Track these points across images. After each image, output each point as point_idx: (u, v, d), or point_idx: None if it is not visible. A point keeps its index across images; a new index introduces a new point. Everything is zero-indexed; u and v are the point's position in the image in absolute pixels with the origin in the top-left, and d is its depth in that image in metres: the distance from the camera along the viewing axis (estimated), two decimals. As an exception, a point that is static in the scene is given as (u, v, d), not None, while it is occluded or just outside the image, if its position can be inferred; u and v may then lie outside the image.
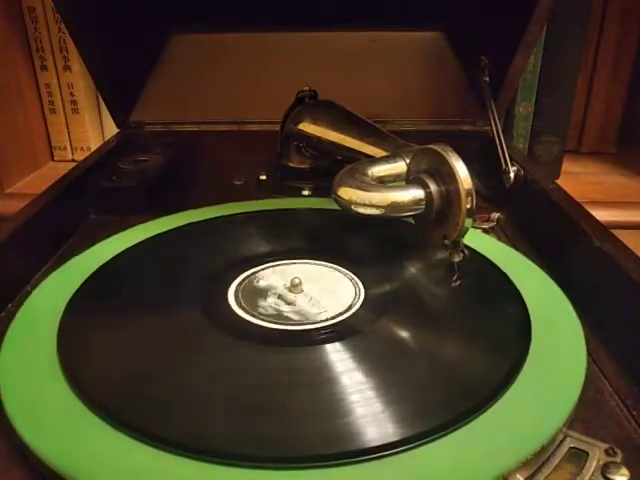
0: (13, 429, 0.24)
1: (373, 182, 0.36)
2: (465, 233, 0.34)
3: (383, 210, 0.35)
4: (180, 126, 0.63)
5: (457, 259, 0.35)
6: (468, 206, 0.32)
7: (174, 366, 0.28)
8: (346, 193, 0.35)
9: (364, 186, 0.35)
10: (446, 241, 0.35)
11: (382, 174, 0.37)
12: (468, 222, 0.33)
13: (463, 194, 0.32)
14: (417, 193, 0.35)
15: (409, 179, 0.37)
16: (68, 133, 0.76)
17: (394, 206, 0.35)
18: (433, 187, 0.35)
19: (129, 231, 0.41)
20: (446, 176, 0.34)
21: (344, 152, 0.45)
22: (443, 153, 0.33)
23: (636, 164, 0.74)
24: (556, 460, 0.23)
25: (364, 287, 0.34)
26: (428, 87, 0.63)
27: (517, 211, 0.47)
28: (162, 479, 0.21)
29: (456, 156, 0.33)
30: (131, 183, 0.49)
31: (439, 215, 0.35)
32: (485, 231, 0.43)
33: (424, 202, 0.35)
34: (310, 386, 0.26)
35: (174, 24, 0.63)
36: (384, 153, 0.41)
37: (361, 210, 0.35)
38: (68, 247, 0.44)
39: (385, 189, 0.35)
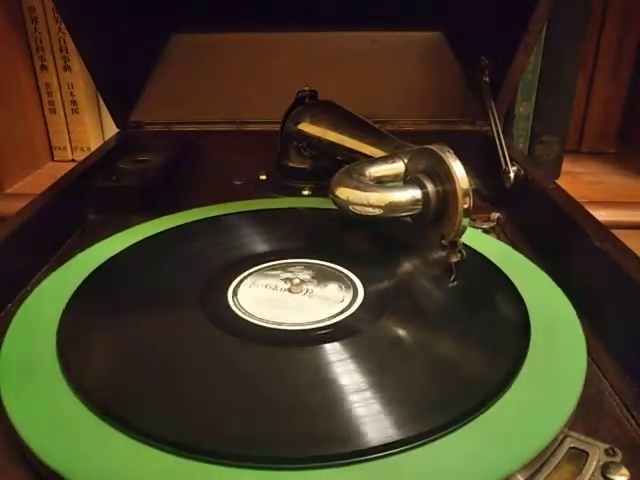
0: (13, 429, 0.24)
1: (370, 182, 0.36)
2: (462, 233, 0.34)
3: (380, 210, 0.35)
4: (180, 126, 0.63)
5: (455, 259, 0.34)
6: (465, 206, 0.32)
7: (174, 366, 0.28)
8: (343, 193, 0.35)
9: (361, 186, 0.35)
10: (443, 241, 0.35)
11: (380, 174, 0.37)
12: (465, 222, 0.33)
13: (460, 194, 0.32)
14: (414, 193, 0.35)
15: (407, 179, 0.37)
16: (68, 133, 0.76)
17: (391, 206, 0.35)
18: (430, 187, 0.35)
19: (129, 231, 0.41)
20: (443, 176, 0.34)
21: (344, 152, 0.45)
22: (440, 153, 0.33)
23: (636, 164, 0.74)
24: (556, 460, 0.23)
25: (363, 287, 0.34)
26: (428, 87, 0.63)
27: (517, 211, 0.46)
28: (162, 479, 0.22)
29: (453, 156, 0.33)
30: (131, 183, 0.49)
31: (436, 215, 0.35)
32: (485, 231, 0.43)
33: (421, 202, 0.35)
34: (309, 386, 0.26)
35: (174, 24, 0.63)
36: (383, 153, 0.41)
37: (358, 210, 0.35)
38: (68, 247, 0.44)
39: (382, 189, 0.35)
